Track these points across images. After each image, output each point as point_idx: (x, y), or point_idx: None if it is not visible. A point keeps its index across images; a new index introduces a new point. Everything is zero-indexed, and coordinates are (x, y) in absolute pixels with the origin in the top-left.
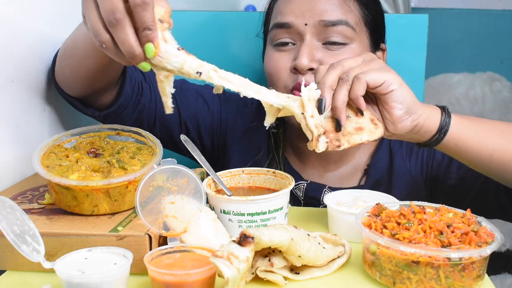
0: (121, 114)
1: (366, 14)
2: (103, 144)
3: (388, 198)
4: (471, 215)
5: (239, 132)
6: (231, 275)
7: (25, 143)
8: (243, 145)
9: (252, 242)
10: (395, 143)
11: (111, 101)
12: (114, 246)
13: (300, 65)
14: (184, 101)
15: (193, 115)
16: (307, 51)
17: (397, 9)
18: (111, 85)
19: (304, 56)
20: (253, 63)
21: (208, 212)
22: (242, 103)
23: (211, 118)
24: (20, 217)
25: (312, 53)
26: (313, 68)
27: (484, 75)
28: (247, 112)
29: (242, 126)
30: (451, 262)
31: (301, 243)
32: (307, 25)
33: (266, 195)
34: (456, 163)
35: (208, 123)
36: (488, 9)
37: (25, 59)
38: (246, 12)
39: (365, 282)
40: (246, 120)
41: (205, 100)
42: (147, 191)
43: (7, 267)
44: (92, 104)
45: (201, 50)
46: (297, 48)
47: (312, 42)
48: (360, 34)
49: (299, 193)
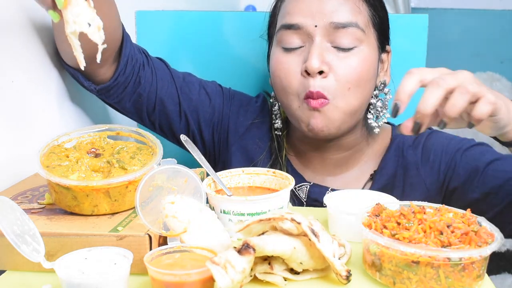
0: (121, 93)
1: (374, 15)
2: (103, 144)
3: (388, 198)
4: (471, 215)
5: (242, 128)
6: (223, 285)
7: (25, 143)
8: (245, 142)
9: (252, 253)
10: (409, 150)
11: (109, 77)
12: (114, 246)
13: (310, 68)
14: (185, 92)
15: (194, 107)
16: (317, 52)
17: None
18: (107, 59)
19: (314, 58)
20: (254, 63)
21: (208, 212)
22: (246, 100)
23: (211, 111)
24: (20, 217)
25: (323, 55)
26: (323, 71)
27: (484, 75)
28: (251, 109)
29: (245, 122)
30: (451, 262)
31: (303, 251)
32: (317, 26)
33: (266, 195)
34: (482, 178)
35: (208, 117)
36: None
37: (25, 59)
38: (246, 12)
39: (365, 282)
40: (249, 116)
41: (208, 93)
42: (147, 191)
43: (7, 267)
44: (91, 78)
45: (201, 50)
46: (306, 50)
47: (322, 43)
48: (369, 36)
49: (301, 195)
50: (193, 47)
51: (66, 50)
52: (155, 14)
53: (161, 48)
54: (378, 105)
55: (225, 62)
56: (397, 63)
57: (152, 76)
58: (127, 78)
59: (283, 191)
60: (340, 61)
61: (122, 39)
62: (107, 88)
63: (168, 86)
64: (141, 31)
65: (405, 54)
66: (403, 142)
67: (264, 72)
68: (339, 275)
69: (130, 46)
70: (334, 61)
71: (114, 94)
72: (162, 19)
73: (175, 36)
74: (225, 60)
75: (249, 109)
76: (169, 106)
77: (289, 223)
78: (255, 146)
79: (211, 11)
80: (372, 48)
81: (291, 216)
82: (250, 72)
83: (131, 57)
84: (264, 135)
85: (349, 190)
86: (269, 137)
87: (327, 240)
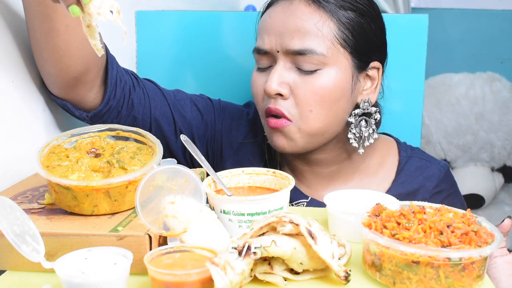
0: (115, 118)
1: (345, 35)
2: (103, 144)
3: (388, 198)
4: (471, 215)
5: (235, 144)
6: (222, 287)
7: (25, 143)
8: (239, 158)
9: (252, 257)
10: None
11: (99, 102)
12: (114, 246)
13: (267, 90)
14: (179, 109)
15: (188, 125)
16: (276, 75)
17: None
18: (94, 80)
19: (271, 81)
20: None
21: (208, 212)
22: (237, 114)
23: (204, 127)
24: (20, 217)
25: (282, 77)
26: (281, 94)
27: (484, 75)
28: (243, 123)
29: (238, 138)
30: (451, 262)
31: (303, 251)
32: (278, 52)
33: (266, 195)
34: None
35: (202, 133)
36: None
37: (25, 58)
38: (246, 12)
39: (365, 282)
40: (241, 131)
41: (199, 109)
42: (147, 191)
43: (7, 267)
44: (81, 106)
45: (201, 50)
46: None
47: (286, 64)
48: (335, 57)
49: None
50: (193, 47)
51: (50, 72)
52: (155, 14)
53: (161, 48)
54: (362, 124)
55: (225, 62)
56: (397, 63)
57: (144, 96)
58: (118, 101)
59: (283, 191)
60: (302, 82)
61: (107, 60)
62: (99, 114)
63: (161, 105)
64: (141, 31)
65: (405, 54)
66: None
67: None
68: (338, 276)
69: (117, 68)
70: (296, 83)
71: (108, 119)
72: (162, 19)
73: (175, 36)
74: (225, 60)
75: (241, 123)
76: (164, 126)
77: (290, 226)
78: (248, 163)
79: (211, 11)
80: (340, 69)
81: (290, 218)
82: (250, 72)
83: (119, 79)
84: (256, 151)
85: (349, 190)
86: (262, 151)
87: (325, 241)
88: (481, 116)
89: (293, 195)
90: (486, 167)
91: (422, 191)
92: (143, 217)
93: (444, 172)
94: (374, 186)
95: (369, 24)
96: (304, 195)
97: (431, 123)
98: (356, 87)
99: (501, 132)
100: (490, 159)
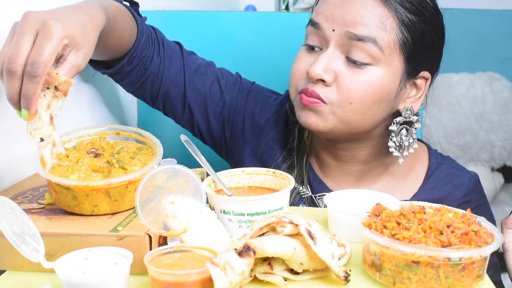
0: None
1: (405, 37)
2: (103, 144)
3: (388, 198)
4: (471, 215)
5: (257, 128)
6: (221, 287)
7: (25, 143)
8: (260, 142)
9: (252, 256)
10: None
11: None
12: (114, 246)
13: (311, 73)
14: (194, 83)
15: (202, 99)
16: (324, 60)
17: None
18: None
19: (318, 65)
20: (254, 63)
21: (208, 212)
22: (262, 98)
23: (222, 105)
24: (20, 217)
25: (330, 64)
26: (324, 80)
27: (484, 75)
28: (267, 107)
29: (260, 121)
30: (451, 262)
31: (303, 251)
32: (334, 31)
33: (266, 195)
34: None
35: (218, 110)
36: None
37: None
38: (246, 12)
39: (365, 282)
40: (264, 115)
41: (220, 86)
42: (147, 191)
43: (7, 267)
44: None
45: (201, 50)
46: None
47: (335, 53)
48: (391, 57)
49: (321, 205)
50: (193, 47)
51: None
52: (155, 14)
53: None
54: (403, 133)
55: (225, 62)
56: None
57: (159, 65)
58: (133, 69)
59: (283, 191)
60: (349, 73)
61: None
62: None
63: (176, 75)
64: None
65: None
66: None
67: (264, 72)
68: (338, 276)
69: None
70: (342, 72)
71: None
72: (162, 19)
73: (175, 36)
74: (225, 60)
75: (265, 107)
76: (174, 96)
77: (290, 227)
78: (268, 149)
79: (211, 11)
80: (391, 71)
81: (290, 219)
82: (250, 71)
83: (141, 51)
84: (278, 139)
85: (349, 190)
86: (284, 140)
87: (325, 241)
88: (481, 116)
89: (317, 186)
90: (486, 167)
91: (450, 199)
92: (143, 217)
93: (474, 183)
94: (402, 190)
95: (431, 33)
96: (328, 189)
97: (431, 123)
98: (401, 93)
99: (501, 132)
100: (490, 159)
